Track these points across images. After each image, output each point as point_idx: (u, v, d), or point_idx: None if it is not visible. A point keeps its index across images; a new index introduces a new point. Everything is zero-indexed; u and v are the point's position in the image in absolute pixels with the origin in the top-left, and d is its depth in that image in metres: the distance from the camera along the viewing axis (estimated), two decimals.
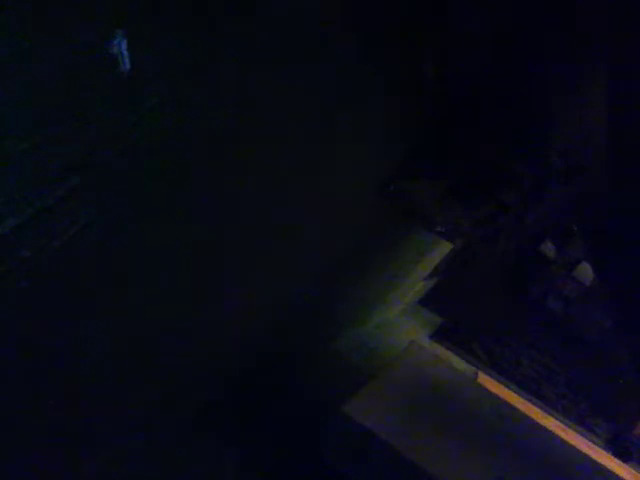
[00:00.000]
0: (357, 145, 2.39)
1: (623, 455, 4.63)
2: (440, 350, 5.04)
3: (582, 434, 4.76)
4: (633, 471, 4.38)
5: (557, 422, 4.73)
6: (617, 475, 4.01)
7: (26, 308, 1.36)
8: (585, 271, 4.89)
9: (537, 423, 3.99)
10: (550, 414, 4.85)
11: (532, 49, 2.74)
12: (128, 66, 1.19)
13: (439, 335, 5.32)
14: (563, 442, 3.91)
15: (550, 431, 4.00)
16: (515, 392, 4.93)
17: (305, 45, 1.70)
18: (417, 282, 4.99)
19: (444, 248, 4.59)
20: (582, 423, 5.03)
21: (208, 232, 1.84)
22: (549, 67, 2.82)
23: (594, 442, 4.72)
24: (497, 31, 2.63)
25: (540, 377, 5.36)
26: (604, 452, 4.55)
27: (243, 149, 1.74)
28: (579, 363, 5.44)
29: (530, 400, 4.94)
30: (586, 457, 3.95)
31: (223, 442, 2.86)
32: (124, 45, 1.17)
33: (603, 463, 4.06)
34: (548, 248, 5.29)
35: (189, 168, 1.57)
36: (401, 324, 5.19)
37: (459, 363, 5.01)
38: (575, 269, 4.93)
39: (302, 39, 1.67)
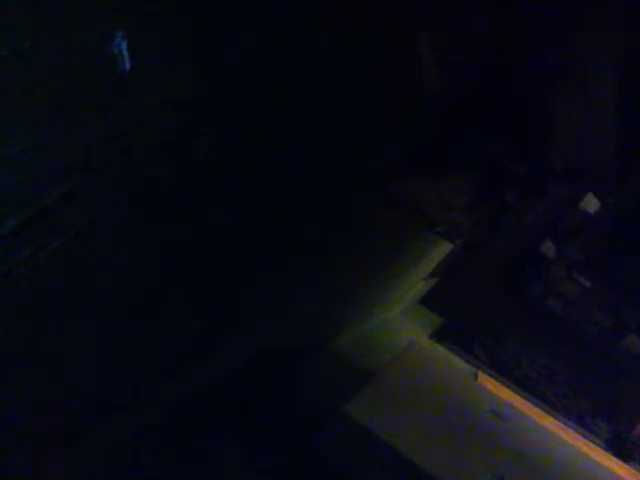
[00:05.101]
0: (357, 145, 2.39)
1: (623, 455, 4.63)
2: (440, 350, 5.04)
3: (582, 434, 4.76)
4: (633, 471, 4.38)
5: (557, 422, 4.73)
6: (617, 475, 4.01)
7: (26, 308, 1.36)
8: (590, 202, 4.73)
9: (537, 423, 4.00)
10: (550, 414, 4.85)
11: (533, 49, 2.74)
12: (128, 66, 1.19)
13: (439, 335, 5.32)
14: (563, 442, 3.91)
15: (550, 431, 4.00)
16: (515, 392, 4.93)
17: (305, 44, 1.70)
18: (417, 282, 4.99)
19: (444, 248, 4.59)
20: (582, 423, 5.03)
21: (208, 232, 1.84)
22: (550, 67, 2.82)
23: (594, 442, 4.72)
24: (498, 31, 2.63)
25: (540, 377, 5.36)
26: (604, 452, 4.55)
27: (242, 147, 1.74)
28: (579, 363, 5.44)
29: (530, 400, 4.94)
30: (586, 457, 3.95)
31: (223, 442, 2.86)
32: (124, 45, 1.16)
33: (603, 463, 4.06)
34: (548, 248, 5.29)
35: (189, 168, 1.57)
36: (401, 324, 5.19)
37: (459, 363, 5.01)
38: (582, 201, 4.77)
39: (302, 37, 1.67)
